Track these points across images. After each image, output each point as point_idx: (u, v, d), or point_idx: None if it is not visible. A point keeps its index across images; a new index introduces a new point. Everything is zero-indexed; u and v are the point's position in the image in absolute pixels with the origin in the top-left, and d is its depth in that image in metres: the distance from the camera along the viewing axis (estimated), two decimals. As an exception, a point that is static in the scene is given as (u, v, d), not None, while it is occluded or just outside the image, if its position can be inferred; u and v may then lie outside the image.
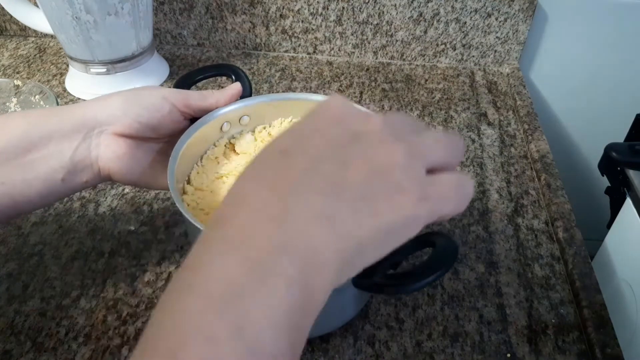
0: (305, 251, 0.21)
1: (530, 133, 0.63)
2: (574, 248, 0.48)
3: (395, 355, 0.40)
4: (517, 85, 0.72)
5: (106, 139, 0.37)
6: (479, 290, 0.45)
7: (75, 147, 0.35)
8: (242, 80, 0.43)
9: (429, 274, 0.27)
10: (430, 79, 0.74)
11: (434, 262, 0.28)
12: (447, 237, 0.29)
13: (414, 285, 0.27)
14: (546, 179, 0.56)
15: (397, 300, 0.44)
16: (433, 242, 0.29)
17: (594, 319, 0.42)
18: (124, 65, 0.66)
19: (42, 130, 0.34)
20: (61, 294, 0.43)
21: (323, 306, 0.22)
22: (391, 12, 0.73)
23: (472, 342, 0.41)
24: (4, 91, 0.55)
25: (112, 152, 0.37)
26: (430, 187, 0.25)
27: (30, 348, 0.39)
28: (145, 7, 0.64)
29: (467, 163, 0.59)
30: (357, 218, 0.22)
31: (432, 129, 0.27)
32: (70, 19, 0.60)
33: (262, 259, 0.21)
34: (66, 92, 0.69)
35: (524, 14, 0.72)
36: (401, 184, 0.24)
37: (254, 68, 0.75)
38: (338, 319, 0.40)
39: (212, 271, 0.21)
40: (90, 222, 0.49)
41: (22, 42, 0.80)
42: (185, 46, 0.79)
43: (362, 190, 0.23)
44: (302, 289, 0.21)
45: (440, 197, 0.25)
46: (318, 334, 0.40)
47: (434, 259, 0.28)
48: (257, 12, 0.75)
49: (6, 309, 0.42)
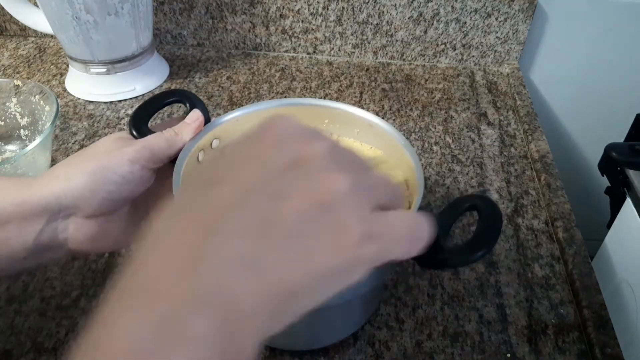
0: (225, 302, 0.18)
1: (530, 133, 0.63)
2: (574, 248, 0.48)
3: (395, 355, 0.40)
4: (517, 85, 0.72)
5: (74, 222, 0.33)
6: (479, 290, 0.45)
7: (39, 231, 0.32)
8: (198, 105, 0.39)
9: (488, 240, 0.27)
10: (430, 79, 0.74)
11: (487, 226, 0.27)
12: (486, 198, 0.29)
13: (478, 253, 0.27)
14: (546, 179, 0.56)
15: (397, 300, 0.44)
16: (474, 205, 0.29)
17: (594, 319, 0.42)
18: (124, 65, 0.66)
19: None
20: (61, 294, 0.43)
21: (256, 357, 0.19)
22: (391, 12, 0.73)
23: (472, 342, 0.41)
24: (4, 91, 0.55)
25: (84, 235, 0.33)
26: (377, 224, 0.22)
27: (30, 348, 0.39)
28: (145, 7, 0.64)
29: (467, 163, 0.59)
30: (288, 262, 0.20)
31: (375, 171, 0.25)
32: (70, 19, 0.60)
33: (173, 314, 0.18)
34: (66, 92, 0.69)
35: (524, 14, 0.72)
36: (343, 220, 0.20)
37: (254, 68, 0.75)
38: (349, 328, 0.40)
39: (118, 330, 0.18)
40: (90, 222, 0.49)
41: (22, 42, 0.80)
42: (185, 46, 0.79)
43: (295, 228, 0.20)
44: (222, 345, 0.18)
45: (390, 236, 0.22)
46: (331, 342, 0.40)
47: (485, 223, 0.27)
48: (257, 12, 0.75)
49: (6, 309, 0.42)
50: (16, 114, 0.56)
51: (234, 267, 0.19)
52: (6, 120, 0.56)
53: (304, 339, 0.39)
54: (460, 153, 0.60)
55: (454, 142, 0.62)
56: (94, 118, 0.64)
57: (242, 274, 0.19)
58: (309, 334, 0.39)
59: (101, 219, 0.34)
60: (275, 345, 0.40)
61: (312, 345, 0.40)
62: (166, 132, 0.36)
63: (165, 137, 0.35)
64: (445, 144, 0.62)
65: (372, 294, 0.40)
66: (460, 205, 0.30)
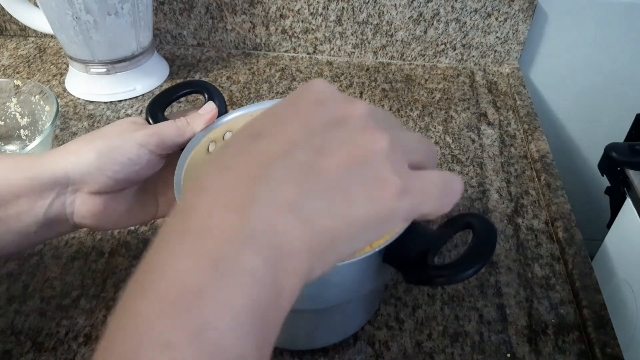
0: (272, 242, 0.19)
1: (530, 133, 0.63)
2: (574, 248, 0.48)
3: (395, 355, 0.40)
4: (517, 85, 0.72)
5: (80, 197, 0.35)
6: (479, 290, 0.45)
7: (49, 205, 0.33)
8: (215, 97, 0.40)
9: (478, 259, 0.27)
10: (430, 79, 0.74)
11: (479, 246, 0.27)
12: (482, 218, 0.29)
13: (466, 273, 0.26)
14: (546, 179, 0.56)
15: (397, 300, 0.44)
16: (469, 224, 0.29)
17: (594, 319, 0.42)
18: (124, 65, 0.66)
19: (11, 186, 0.32)
20: (61, 294, 0.43)
21: (294, 302, 0.21)
22: (391, 12, 0.73)
23: (472, 342, 0.41)
24: (4, 91, 0.55)
25: (88, 211, 0.35)
26: (413, 181, 0.23)
27: (30, 348, 0.39)
28: (145, 7, 0.64)
29: (467, 163, 0.59)
30: (331, 209, 0.21)
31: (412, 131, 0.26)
32: (70, 19, 0.60)
33: (223, 253, 0.19)
34: (66, 92, 0.69)
35: (524, 14, 0.72)
36: (382, 174, 0.22)
37: (254, 68, 0.75)
38: (351, 327, 0.40)
39: (168, 271, 0.19)
40: (90, 222, 0.49)
41: (22, 42, 0.80)
42: (185, 46, 0.79)
43: (338, 179, 0.21)
44: (268, 283, 0.19)
45: (424, 192, 0.23)
46: (332, 342, 0.40)
47: (477, 243, 0.27)
48: (257, 12, 0.75)
49: (6, 309, 0.42)
50: (16, 114, 0.56)
51: (282, 211, 0.20)
52: (6, 120, 0.56)
53: (305, 339, 0.39)
54: (460, 153, 0.60)
55: (454, 142, 0.62)
56: (94, 118, 0.64)
57: (289, 217, 0.20)
58: (309, 334, 0.39)
59: (106, 197, 0.35)
60: (275, 344, 0.40)
61: (312, 345, 0.40)
62: (178, 120, 0.37)
63: (177, 125, 0.37)
64: (445, 144, 0.62)
65: (373, 294, 0.40)
66: (456, 223, 0.30)
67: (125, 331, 0.18)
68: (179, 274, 0.19)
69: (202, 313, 0.18)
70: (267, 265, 0.19)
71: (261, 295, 0.19)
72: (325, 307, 0.35)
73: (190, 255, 0.19)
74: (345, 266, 0.29)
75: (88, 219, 0.36)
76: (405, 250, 0.30)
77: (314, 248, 0.21)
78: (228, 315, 0.18)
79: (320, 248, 0.21)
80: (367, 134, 0.23)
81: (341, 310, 0.37)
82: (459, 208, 0.53)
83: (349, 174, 0.21)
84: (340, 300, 0.34)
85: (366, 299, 0.39)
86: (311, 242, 0.20)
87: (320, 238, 0.21)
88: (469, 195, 0.55)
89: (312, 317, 0.37)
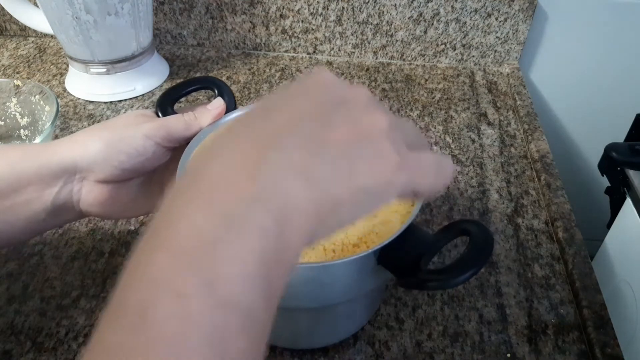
0: (280, 202, 0.21)
1: (530, 133, 0.63)
2: (574, 248, 0.48)
3: (395, 355, 0.40)
4: (517, 85, 0.72)
5: (87, 185, 0.36)
6: (479, 290, 0.45)
7: (57, 192, 0.35)
8: (225, 94, 0.41)
9: (472, 265, 0.27)
10: (430, 79, 0.74)
11: (475, 251, 0.27)
12: (480, 225, 0.29)
13: (459, 278, 0.27)
14: (546, 179, 0.56)
15: (397, 300, 0.44)
16: (467, 230, 0.29)
17: (594, 319, 0.42)
18: (124, 65, 0.66)
19: (21, 175, 0.34)
20: (61, 294, 0.43)
21: (295, 263, 0.22)
22: (391, 12, 0.73)
23: (472, 342, 0.41)
24: (4, 91, 0.55)
25: (94, 199, 0.36)
26: (410, 159, 0.25)
27: (30, 348, 0.39)
28: (145, 7, 0.64)
29: (467, 163, 0.59)
30: (336, 176, 0.23)
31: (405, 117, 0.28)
32: (70, 19, 0.60)
33: (234, 210, 0.20)
34: (66, 92, 0.69)
35: (524, 14, 0.72)
36: (382, 150, 0.24)
37: (254, 68, 0.75)
38: (351, 327, 0.40)
39: (182, 224, 0.20)
40: (90, 222, 0.49)
41: (22, 42, 0.80)
42: (185, 46, 0.79)
43: (343, 151, 0.23)
44: (275, 240, 0.20)
45: (419, 170, 0.25)
46: (332, 342, 0.40)
47: (473, 249, 0.27)
48: (257, 12, 0.75)
49: (6, 309, 0.42)
50: (16, 114, 0.56)
51: (290, 175, 0.22)
52: (6, 120, 0.56)
53: (305, 338, 0.39)
54: (460, 153, 0.60)
55: (454, 142, 0.62)
56: (94, 118, 0.64)
57: (297, 181, 0.22)
58: (309, 333, 0.39)
59: (112, 186, 0.37)
60: (276, 343, 0.40)
61: (312, 344, 0.40)
62: (186, 114, 0.38)
63: (185, 119, 0.38)
64: (445, 144, 0.62)
65: (373, 295, 0.40)
66: (453, 229, 0.30)
67: (140, 283, 0.19)
68: (194, 227, 0.20)
69: (214, 265, 0.19)
70: (275, 222, 0.20)
71: (269, 250, 0.20)
72: (324, 306, 0.35)
73: (202, 211, 0.20)
74: (340, 265, 0.30)
75: (94, 207, 0.37)
76: (401, 253, 0.30)
77: (319, 210, 0.22)
78: (238, 268, 0.19)
79: (324, 211, 0.22)
80: (370, 115, 0.25)
81: (341, 310, 0.37)
82: (459, 208, 0.53)
83: (353, 147, 0.23)
84: (339, 300, 0.34)
85: (366, 299, 0.39)
86: (316, 204, 0.22)
87: (325, 202, 0.22)
88: (469, 195, 0.55)
89: (312, 316, 0.37)
